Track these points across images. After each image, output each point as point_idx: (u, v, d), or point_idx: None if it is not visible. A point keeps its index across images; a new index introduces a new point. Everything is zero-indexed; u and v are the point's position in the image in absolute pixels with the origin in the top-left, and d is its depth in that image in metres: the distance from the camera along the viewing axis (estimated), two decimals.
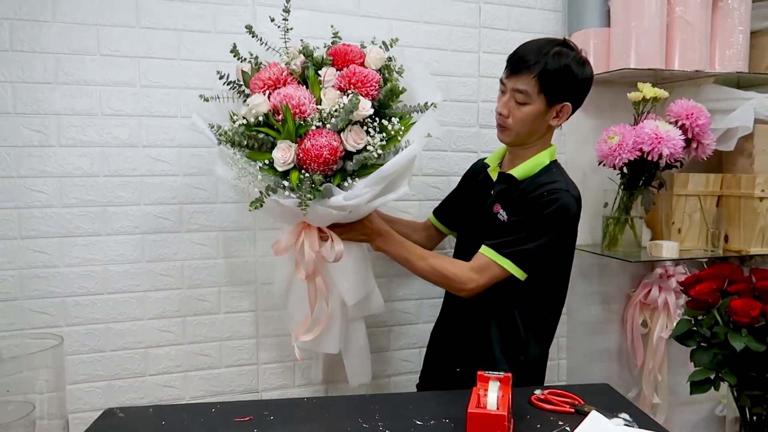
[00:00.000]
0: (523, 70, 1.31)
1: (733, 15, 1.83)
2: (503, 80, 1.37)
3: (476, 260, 1.34)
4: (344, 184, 1.22)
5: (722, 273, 1.56)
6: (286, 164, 1.19)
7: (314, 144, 1.18)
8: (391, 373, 1.84)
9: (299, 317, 1.42)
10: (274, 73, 1.26)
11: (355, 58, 1.30)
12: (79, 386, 1.54)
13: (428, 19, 1.76)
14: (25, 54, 1.45)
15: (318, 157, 1.17)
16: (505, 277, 1.32)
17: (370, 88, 1.24)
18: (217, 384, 1.66)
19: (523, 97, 1.32)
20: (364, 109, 1.21)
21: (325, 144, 1.18)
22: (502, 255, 1.31)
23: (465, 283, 1.32)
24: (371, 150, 1.21)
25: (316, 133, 1.19)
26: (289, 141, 1.21)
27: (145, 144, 1.55)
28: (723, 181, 1.93)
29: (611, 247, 1.83)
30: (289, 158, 1.19)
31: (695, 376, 1.49)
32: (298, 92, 1.22)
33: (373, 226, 1.35)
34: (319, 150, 1.17)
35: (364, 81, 1.24)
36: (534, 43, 1.35)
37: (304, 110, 1.21)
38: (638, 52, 1.74)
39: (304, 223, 1.32)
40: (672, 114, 1.77)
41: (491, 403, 1.02)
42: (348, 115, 1.19)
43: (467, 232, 1.53)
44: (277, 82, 1.26)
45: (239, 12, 1.59)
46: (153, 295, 1.58)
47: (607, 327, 2.06)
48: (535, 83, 1.30)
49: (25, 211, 1.47)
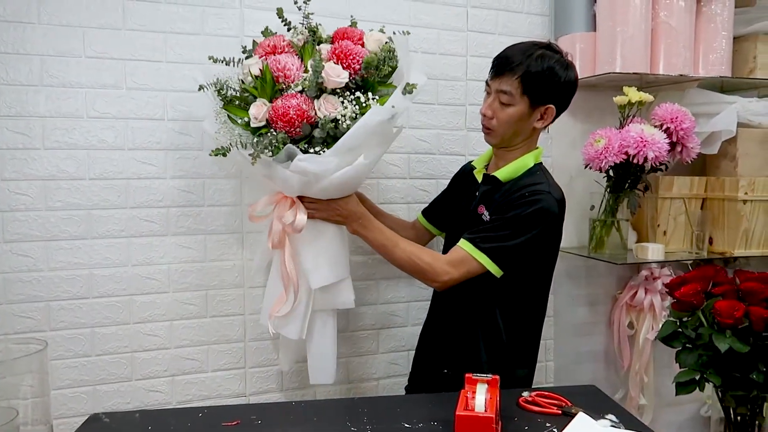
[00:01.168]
0: (507, 71, 1.32)
1: (716, 20, 1.84)
2: (488, 82, 1.38)
3: (453, 253, 1.34)
4: (309, 150, 1.27)
5: (707, 275, 1.57)
6: (257, 121, 1.27)
7: (284, 104, 1.24)
8: (379, 376, 1.83)
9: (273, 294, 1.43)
10: (274, 41, 1.35)
11: (353, 38, 1.33)
12: (63, 391, 1.52)
13: (416, 23, 1.76)
14: (10, 56, 1.43)
15: (284, 115, 1.23)
16: (480, 272, 1.32)
17: (352, 61, 1.27)
18: (205, 388, 1.65)
19: (507, 98, 1.33)
20: (337, 76, 1.24)
21: (294, 105, 1.23)
22: (480, 249, 1.31)
23: (439, 274, 1.33)
24: (341, 120, 1.25)
25: (290, 95, 1.25)
26: (264, 99, 1.28)
27: (132, 147, 1.53)
28: (707, 184, 1.95)
29: (598, 249, 1.85)
30: (260, 115, 1.26)
31: (680, 377, 1.50)
32: (287, 59, 1.28)
33: (350, 207, 1.36)
34: (286, 109, 1.23)
35: (348, 53, 1.27)
36: (518, 46, 1.37)
37: (288, 75, 1.27)
38: (623, 57, 1.76)
39: (281, 194, 1.36)
40: (657, 117, 1.79)
41: (479, 406, 1.03)
42: (316, 78, 1.23)
43: (454, 233, 1.53)
44: (274, 49, 1.34)
45: (226, 14, 1.59)
46: (139, 299, 1.57)
47: (593, 329, 2.07)
48: (518, 84, 1.31)
49: (8, 214, 1.45)
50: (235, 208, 1.63)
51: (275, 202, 1.38)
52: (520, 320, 1.42)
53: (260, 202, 1.40)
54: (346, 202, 1.36)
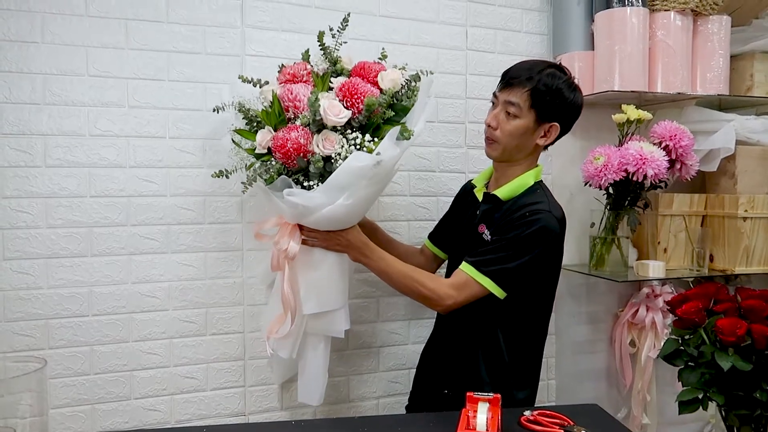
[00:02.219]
0: (517, 83, 1.34)
1: (713, 39, 1.86)
2: (496, 93, 1.39)
3: (456, 277, 1.34)
4: (303, 183, 1.27)
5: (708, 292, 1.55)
6: (261, 147, 1.28)
7: (284, 135, 1.24)
8: (380, 394, 1.82)
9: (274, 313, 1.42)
10: (297, 69, 1.36)
11: (369, 74, 1.32)
12: (62, 410, 1.51)
13: (416, 42, 1.78)
14: (13, 74, 1.44)
15: (282, 147, 1.23)
16: (483, 295, 1.32)
17: (356, 100, 1.25)
18: (204, 407, 1.64)
19: (514, 109, 1.34)
20: (335, 115, 1.22)
21: (292, 138, 1.23)
22: (482, 273, 1.31)
23: (443, 299, 1.32)
24: (335, 160, 1.24)
25: (293, 127, 1.25)
26: (270, 127, 1.29)
27: (133, 164, 1.54)
28: (707, 201, 1.96)
29: (598, 267, 1.84)
30: (264, 142, 1.28)
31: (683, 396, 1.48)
32: (300, 89, 1.28)
33: (349, 237, 1.35)
34: (284, 141, 1.23)
35: (354, 92, 1.25)
36: (529, 62, 1.39)
37: (297, 106, 1.27)
38: (622, 75, 1.77)
39: (282, 218, 1.36)
40: (656, 135, 1.80)
41: (480, 425, 1.03)
42: (314, 115, 1.23)
43: (456, 254, 1.53)
44: (294, 77, 1.34)
45: (228, 34, 1.60)
46: (139, 317, 1.56)
47: (595, 346, 2.06)
48: (527, 97, 1.33)
49: (9, 231, 1.45)
50: (236, 226, 1.63)
51: (280, 224, 1.38)
52: (522, 340, 1.41)
53: (268, 222, 1.41)
54: (347, 232, 1.35)
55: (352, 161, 1.22)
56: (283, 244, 1.33)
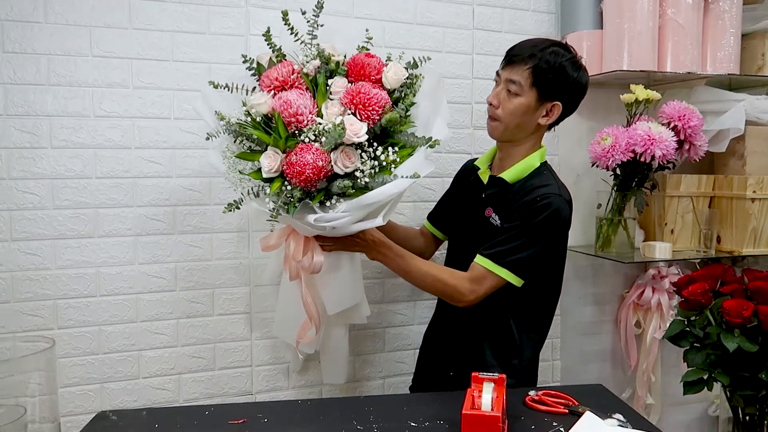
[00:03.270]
0: (519, 61, 1.32)
1: (724, 17, 1.83)
2: (499, 72, 1.38)
3: (473, 271, 1.33)
4: (326, 203, 1.19)
5: (715, 274, 1.55)
6: (270, 172, 1.17)
7: (299, 160, 1.14)
8: (385, 374, 1.83)
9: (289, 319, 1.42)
10: (283, 74, 1.21)
11: (371, 74, 1.23)
12: (71, 389, 1.53)
13: (421, 21, 1.76)
14: (17, 55, 1.44)
15: (300, 174, 1.14)
16: (502, 285, 1.32)
17: (371, 112, 1.18)
18: (211, 386, 1.65)
19: (515, 87, 1.32)
20: (356, 135, 1.15)
21: (309, 162, 1.13)
22: (499, 264, 1.30)
23: (465, 294, 1.32)
24: (358, 176, 1.17)
25: (305, 148, 1.14)
26: (277, 149, 1.17)
27: (138, 145, 1.54)
28: (715, 182, 1.94)
29: (604, 248, 1.83)
30: (274, 167, 1.16)
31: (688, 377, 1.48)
32: (299, 100, 1.17)
33: (369, 237, 1.33)
34: (302, 167, 1.13)
35: (366, 104, 1.17)
36: (533, 40, 1.38)
37: (300, 120, 1.16)
38: (631, 54, 1.75)
39: (292, 228, 1.30)
40: (664, 115, 1.78)
41: (486, 405, 1.02)
42: (334, 141, 1.14)
43: (459, 236, 1.52)
44: (284, 83, 1.21)
45: (232, 13, 1.59)
46: (146, 297, 1.57)
47: (600, 328, 2.06)
48: (528, 75, 1.31)
49: (16, 213, 1.46)
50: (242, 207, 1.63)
51: (286, 235, 1.33)
52: (533, 322, 1.42)
53: (273, 237, 1.35)
54: (364, 233, 1.32)
55: (391, 189, 1.17)
56: (306, 261, 1.28)
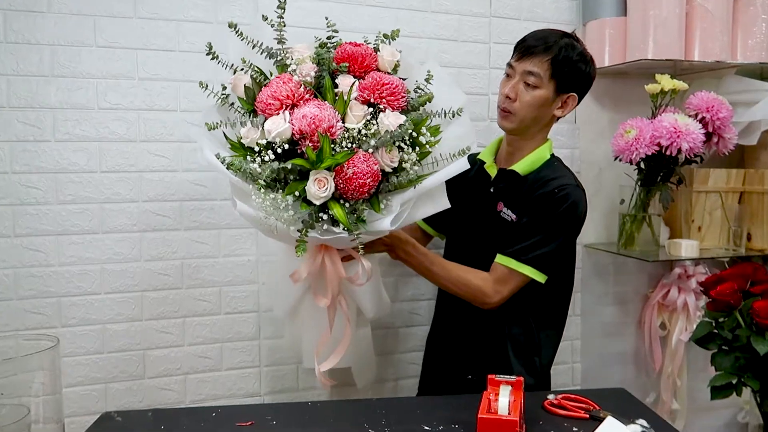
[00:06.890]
0: (537, 53, 1.32)
1: (756, 3, 1.78)
2: (511, 63, 1.36)
3: (496, 271, 1.32)
4: (381, 205, 1.14)
5: (744, 273, 1.53)
6: (320, 198, 1.07)
7: (356, 172, 1.07)
8: (398, 376, 1.79)
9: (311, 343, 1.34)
10: (290, 89, 1.12)
11: (372, 63, 1.19)
12: (75, 389, 1.51)
13: (436, 9, 1.71)
14: (20, 46, 1.42)
15: (362, 186, 1.08)
16: (526, 283, 1.31)
17: (401, 100, 1.15)
18: (218, 387, 1.63)
19: (534, 79, 1.31)
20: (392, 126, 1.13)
21: (366, 171, 1.08)
22: (522, 262, 1.30)
23: (491, 295, 1.31)
24: (407, 167, 1.13)
25: (356, 161, 1.08)
26: (325, 173, 1.07)
27: (144, 139, 1.51)
28: (745, 177, 1.90)
29: (628, 246, 1.79)
30: (326, 191, 1.07)
31: (716, 381, 1.47)
32: (324, 112, 1.08)
33: (395, 236, 1.28)
34: (363, 178, 1.07)
35: (395, 93, 1.14)
36: (544, 31, 1.37)
37: (333, 132, 1.09)
38: (656, 42, 1.69)
39: (322, 246, 1.21)
40: (692, 107, 1.74)
41: (502, 408, 1.01)
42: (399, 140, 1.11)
43: (463, 232, 1.48)
44: (293, 99, 1.12)
45: (240, 2, 1.56)
46: (151, 295, 1.55)
47: (623, 329, 2.01)
48: (548, 67, 1.31)
49: (19, 208, 1.44)
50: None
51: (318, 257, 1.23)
52: (551, 318, 1.42)
53: (304, 267, 1.23)
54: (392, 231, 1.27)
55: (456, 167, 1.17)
56: (351, 271, 1.22)
